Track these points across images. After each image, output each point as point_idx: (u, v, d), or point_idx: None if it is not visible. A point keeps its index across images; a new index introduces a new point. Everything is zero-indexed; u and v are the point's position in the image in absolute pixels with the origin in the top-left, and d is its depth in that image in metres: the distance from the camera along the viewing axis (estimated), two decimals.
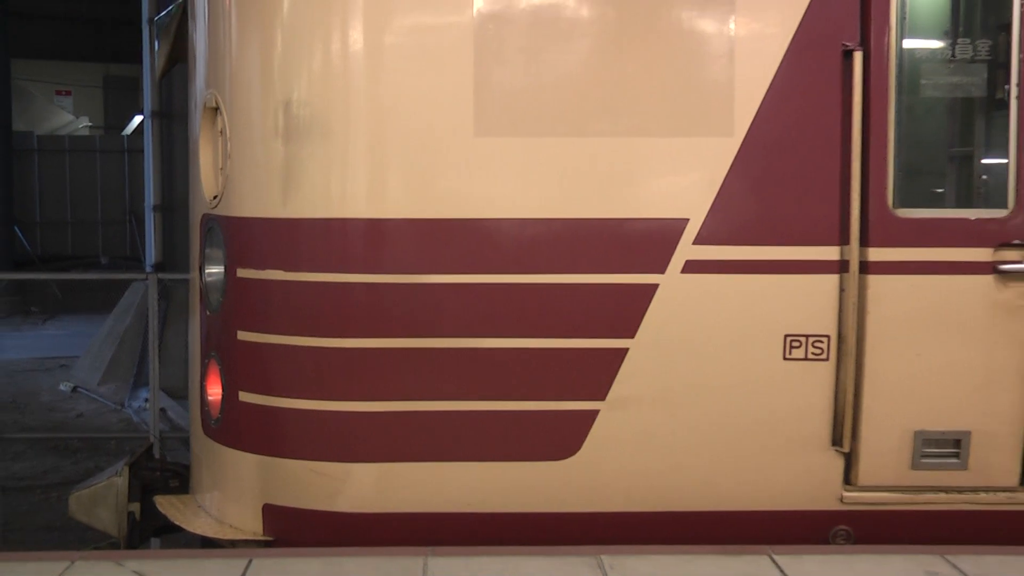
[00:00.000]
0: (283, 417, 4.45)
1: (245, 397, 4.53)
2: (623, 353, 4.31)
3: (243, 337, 4.52)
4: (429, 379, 4.32)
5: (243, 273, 4.51)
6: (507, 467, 4.37)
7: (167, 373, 8.69)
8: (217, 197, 4.66)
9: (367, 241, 4.34)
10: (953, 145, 4.79)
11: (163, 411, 10.22)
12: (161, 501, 5.02)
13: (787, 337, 4.32)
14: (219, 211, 4.65)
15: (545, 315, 4.30)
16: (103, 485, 5.10)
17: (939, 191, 4.75)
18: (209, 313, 4.76)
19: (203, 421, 4.82)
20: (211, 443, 4.75)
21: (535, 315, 4.30)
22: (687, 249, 4.28)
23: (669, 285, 4.29)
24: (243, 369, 4.56)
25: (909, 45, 4.36)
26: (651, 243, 4.29)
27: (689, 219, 4.28)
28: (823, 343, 4.32)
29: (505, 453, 4.36)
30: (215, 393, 4.69)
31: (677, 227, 4.28)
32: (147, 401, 9.37)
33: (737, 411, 4.35)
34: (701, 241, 4.28)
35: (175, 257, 13.18)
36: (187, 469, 5.28)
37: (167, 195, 13.64)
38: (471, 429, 4.34)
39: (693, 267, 4.29)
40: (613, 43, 4.29)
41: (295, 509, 4.47)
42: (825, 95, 4.28)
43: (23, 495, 8.75)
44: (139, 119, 22.39)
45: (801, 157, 4.30)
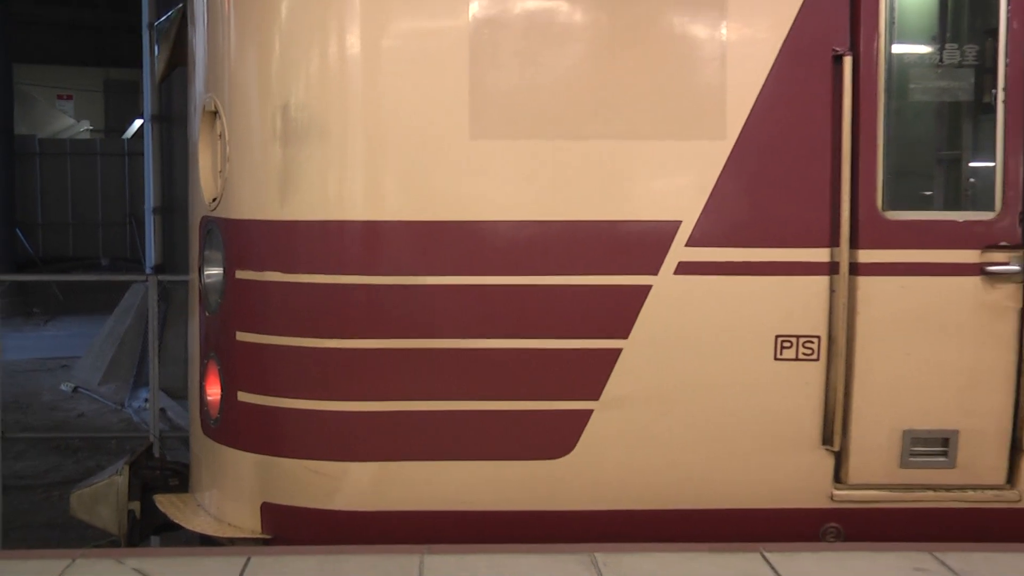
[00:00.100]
0: (281, 417, 4.47)
1: (244, 397, 4.55)
2: (617, 353, 4.34)
3: (242, 338, 4.55)
4: (426, 379, 4.35)
5: (242, 275, 4.54)
6: (502, 466, 4.40)
7: (167, 373, 8.70)
8: (216, 200, 4.69)
9: (364, 243, 4.37)
10: (941, 148, 4.82)
11: (163, 411, 10.23)
12: (161, 500, 5.04)
13: (778, 338, 4.35)
14: (218, 213, 4.67)
15: (540, 316, 4.33)
16: (104, 484, 5.13)
17: (928, 194, 4.77)
18: (208, 314, 4.78)
19: (202, 421, 4.84)
20: (210, 443, 4.77)
21: (530, 316, 4.33)
22: (680, 251, 4.31)
23: (662, 286, 4.32)
24: (242, 369, 4.58)
25: (898, 50, 4.39)
26: (644, 245, 4.32)
27: (682, 221, 4.31)
28: (813, 343, 4.35)
29: (500, 452, 4.39)
30: (214, 393, 4.71)
31: (670, 229, 4.31)
32: (147, 401, 9.39)
33: (729, 411, 4.38)
34: (693, 243, 4.31)
35: (175, 259, 13.18)
36: (186, 468, 5.30)
37: (167, 198, 13.65)
38: (467, 428, 4.37)
39: (685, 268, 4.32)
40: (606, 47, 4.33)
41: (293, 508, 4.49)
42: (815, 99, 4.31)
43: (25, 494, 8.74)
44: (139, 123, 22.37)
45: (792, 160, 4.34)
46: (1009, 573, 4.05)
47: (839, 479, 4.44)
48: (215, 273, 4.70)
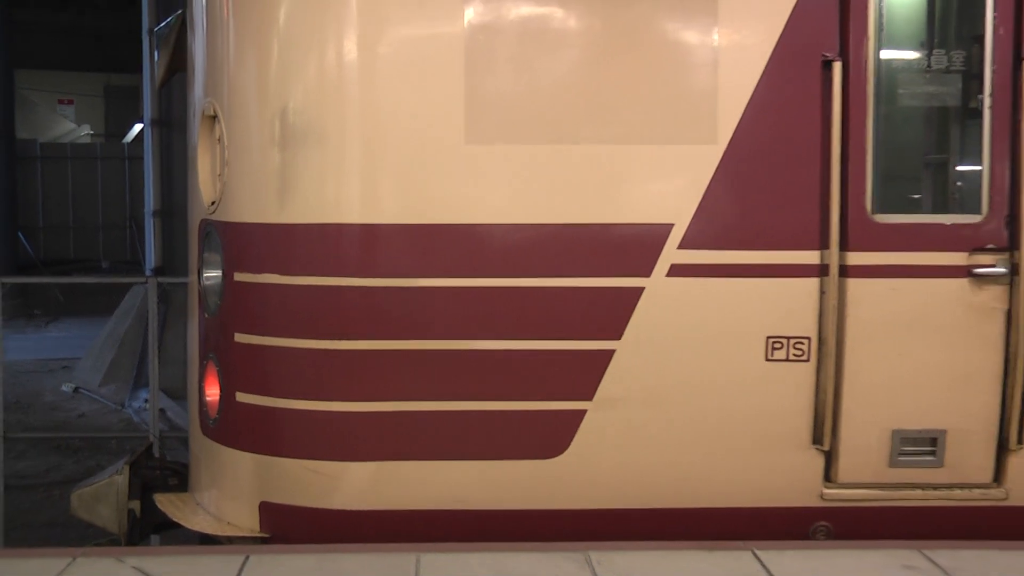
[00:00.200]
0: (279, 417, 4.50)
1: (242, 398, 4.59)
2: (610, 354, 4.37)
3: (240, 339, 4.58)
4: (422, 380, 4.37)
5: (240, 277, 4.58)
6: (497, 465, 4.43)
7: (166, 374, 8.70)
8: (215, 203, 4.72)
9: (361, 246, 4.40)
10: (929, 152, 4.86)
11: (162, 411, 10.23)
12: (160, 499, 5.07)
13: (769, 339, 4.39)
14: (217, 217, 4.71)
15: (534, 318, 4.36)
16: (104, 483, 5.15)
17: (916, 197, 4.81)
18: (207, 316, 4.81)
19: (201, 421, 4.87)
20: (209, 442, 4.80)
21: (525, 317, 4.36)
22: (672, 253, 4.35)
23: (655, 288, 4.35)
24: (240, 370, 4.62)
25: (887, 56, 4.44)
26: (637, 247, 4.36)
27: (674, 224, 4.34)
28: (804, 344, 4.39)
29: (495, 452, 4.41)
30: (213, 394, 4.74)
31: (662, 232, 4.35)
32: (147, 401, 9.42)
33: (721, 411, 4.42)
34: (686, 245, 4.35)
35: (174, 261, 13.17)
36: (186, 468, 5.32)
37: (166, 201, 13.64)
38: (463, 428, 4.40)
39: (678, 271, 4.35)
40: (600, 53, 4.36)
41: (291, 506, 4.53)
42: (805, 104, 4.35)
43: (26, 493, 8.74)
44: (139, 127, 22.38)
45: (782, 164, 4.37)
46: (996, 570, 4.09)
47: (829, 478, 4.48)
48: (214, 275, 4.72)
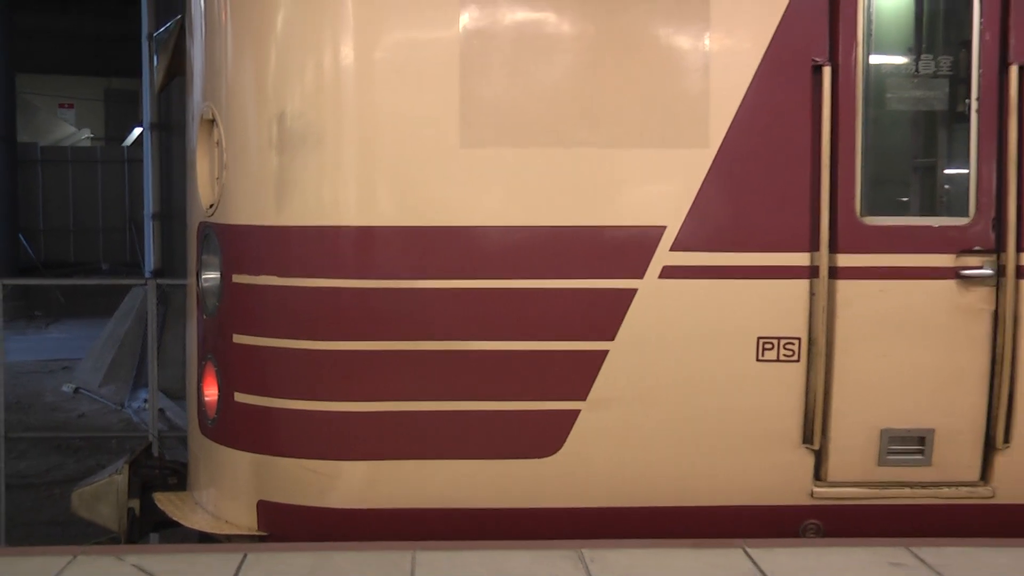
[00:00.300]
0: (277, 417, 4.53)
1: (240, 398, 4.62)
2: (603, 355, 4.40)
3: (238, 340, 4.61)
4: (417, 380, 4.40)
5: (238, 279, 4.61)
6: (492, 464, 4.46)
7: (165, 375, 8.73)
8: (213, 206, 4.75)
9: (357, 248, 4.43)
10: (917, 156, 4.90)
11: (162, 411, 10.25)
12: (160, 498, 5.10)
13: (760, 339, 4.43)
14: (215, 219, 4.74)
15: (528, 319, 4.40)
16: (104, 482, 5.18)
17: (904, 200, 4.85)
18: (206, 317, 4.84)
19: (200, 421, 4.90)
20: (208, 442, 4.83)
21: (519, 319, 4.39)
22: (664, 255, 4.38)
23: (647, 290, 4.39)
24: (238, 371, 4.64)
25: (875, 61, 4.48)
26: (630, 250, 4.39)
27: (666, 227, 4.38)
28: (794, 345, 4.43)
29: (490, 451, 4.45)
30: (211, 394, 4.77)
31: (655, 234, 4.39)
32: (146, 402, 9.47)
33: (712, 411, 4.46)
34: (678, 248, 4.38)
35: (173, 263, 13.19)
36: (185, 467, 5.35)
37: (165, 204, 13.66)
38: (457, 428, 4.43)
39: (670, 272, 4.39)
40: (593, 58, 4.39)
41: (288, 505, 4.56)
42: (795, 108, 4.39)
43: (27, 492, 8.76)
44: (139, 131, 22.46)
45: (773, 167, 4.41)
46: (982, 566, 4.14)
47: (819, 477, 4.52)
48: (212, 277, 4.76)
